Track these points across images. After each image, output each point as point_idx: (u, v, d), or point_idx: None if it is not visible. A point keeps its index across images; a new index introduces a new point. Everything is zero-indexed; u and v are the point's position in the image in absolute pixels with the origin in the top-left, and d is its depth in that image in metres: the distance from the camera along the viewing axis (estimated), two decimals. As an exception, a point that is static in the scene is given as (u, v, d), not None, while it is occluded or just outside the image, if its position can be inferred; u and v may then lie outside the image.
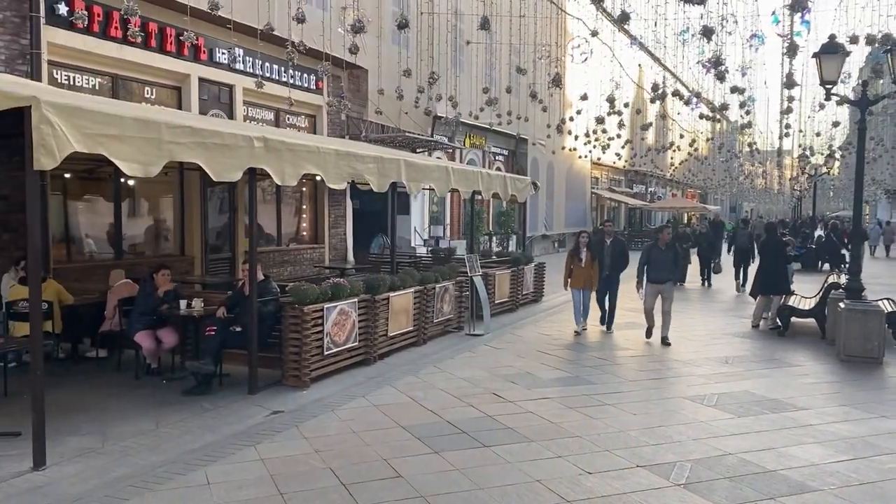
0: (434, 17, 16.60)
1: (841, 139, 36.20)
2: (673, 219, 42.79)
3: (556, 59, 16.34)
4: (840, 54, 9.72)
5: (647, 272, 11.03)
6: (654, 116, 26.49)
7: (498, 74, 20.73)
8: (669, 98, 17.03)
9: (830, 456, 5.91)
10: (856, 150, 10.92)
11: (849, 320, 9.73)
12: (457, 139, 22.06)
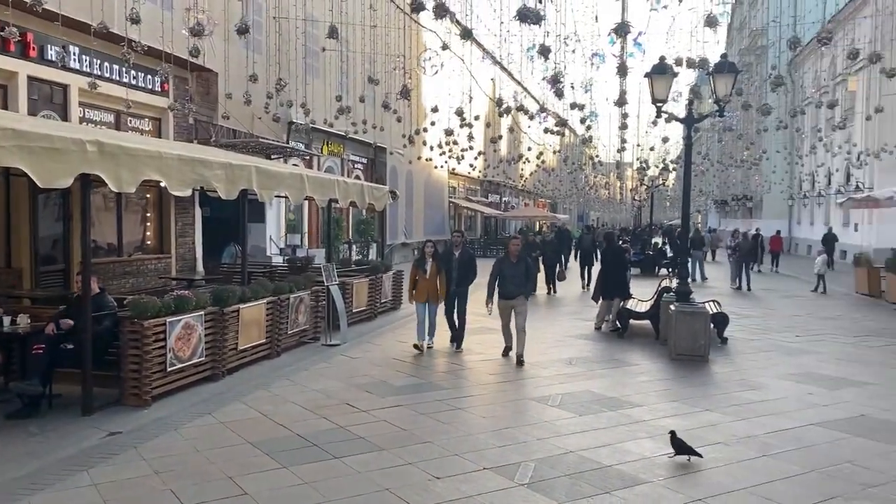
0: (286, 22, 16.33)
1: (675, 153, 39.21)
2: (525, 227, 44.49)
3: (408, 70, 16.54)
4: (668, 75, 10.53)
5: (499, 286, 10.30)
6: (505, 129, 27.43)
7: (352, 83, 20.71)
8: (517, 112, 17.68)
9: (660, 449, 6.35)
10: (686, 164, 11.83)
11: (678, 321, 10.52)
12: (314, 146, 21.79)
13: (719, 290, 21.02)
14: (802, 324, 14.50)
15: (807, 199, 40.11)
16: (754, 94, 33.28)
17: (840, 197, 29.13)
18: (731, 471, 5.83)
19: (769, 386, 8.88)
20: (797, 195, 41.43)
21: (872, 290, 19.58)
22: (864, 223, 29.64)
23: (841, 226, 32.68)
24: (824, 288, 20.60)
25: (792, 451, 6.32)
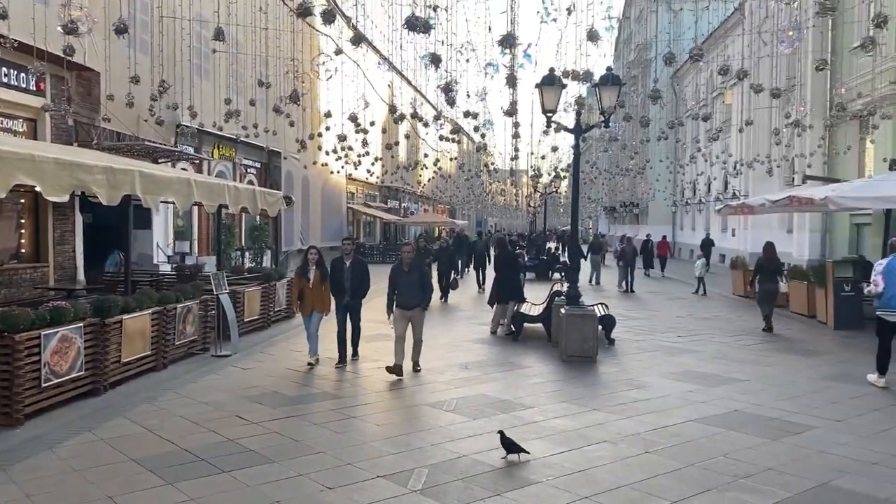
0: (174, 21, 15.76)
1: (568, 161, 40.59)
2: (425, 233, 44.72)
3: (302, 74, 16.30)
4: (557, 86, 10.88)
5: (395, 296, 9.83)
6: (401, 135, 27.52)
7: (244, 85, 20.23)
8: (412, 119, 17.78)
9: (550, 449, 6.54)
10: (574, 172, 12.24)
11: (568, 324, 10.86)
12: (204, 150, 21.10)
13: (608, 294, 21.87)
14: (684, 324, 15.28)
15: (688, 206, 42.36)
16: (640, 105, 34.93)
17: (718, 204, 30.89)
18: (615, 468, 6.06)
19: (652, 385, 9.30)
20: (680, 202, 43.65)
21: (748, 291, 20.86)
22: (740, 229, 31.54)
23: (720, 231, 34.69)
24: (704, 290, 21.80)
25: (672, 447, 6.64)
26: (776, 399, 8.56)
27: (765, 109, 22.44)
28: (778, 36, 13.09)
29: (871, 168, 20.16)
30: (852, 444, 6.72)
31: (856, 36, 20.69)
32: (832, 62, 22.04)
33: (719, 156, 28.38)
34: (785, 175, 25.55)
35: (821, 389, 9.13)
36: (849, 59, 20.77)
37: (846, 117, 20.44)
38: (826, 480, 5.74)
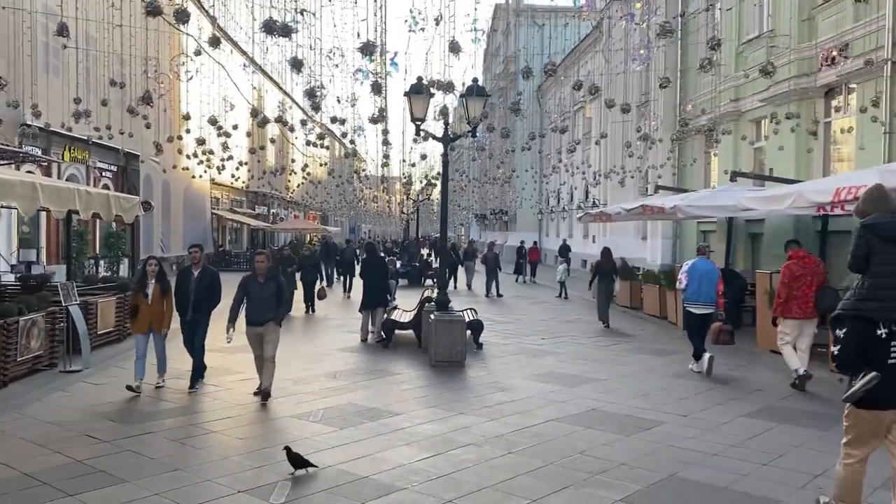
0: (14, 13, 14.62)
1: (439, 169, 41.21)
2: (295, 240, 43.88)
3: (160, 74, 15.56)
4: (425, 95, 11.01)
5: (245, 311, 8.77)
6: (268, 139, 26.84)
7: (97, 84, 19.07)
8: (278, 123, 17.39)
9: (416, 455, 6.58)
10: (443, 180, 12.42)
11: (438, 330, 11.00)
12: (53, 152, 19.69)
13: (480, 299, 22.37)
14: (548, 327, 15.87)
15: (553, 214, 44.06)
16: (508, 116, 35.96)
17: (580, 212, 32.34)
18: (480, 470, 6.19)
19: (517, 387, 9.58)
20: (545, 210, 45.30)
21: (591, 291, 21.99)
22: (600, 235, 33.14)
23: (582, 238, 36.31)
24: (566, 294, 22.74)
25: (534, 447, 6.86)
26: (631, 397, 9.05)
27: (621, 123, 23.73)
28: (630, 54, 13.91)
29: (716, 179, 21.79)
30: (697, 437, 7.21)
31: (700, 56, 22.33)
32: (681, 80, 23.66)
33: (579, 166, 29.72)
34: (639, 185, 27.13)
35: (670, 387, 9.74)
36: (695, 77, 22.33)
37: (691, 132, 21.98)
38: (673, 472, 6.12)
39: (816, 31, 16.41)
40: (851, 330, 4.69)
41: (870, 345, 4.58)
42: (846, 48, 14.72)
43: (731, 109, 20.29)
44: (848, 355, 4.70)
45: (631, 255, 26.25)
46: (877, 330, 4.57)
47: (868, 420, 4.66)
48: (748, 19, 19.60)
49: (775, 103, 17.12)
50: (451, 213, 63.31)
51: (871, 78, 14.23)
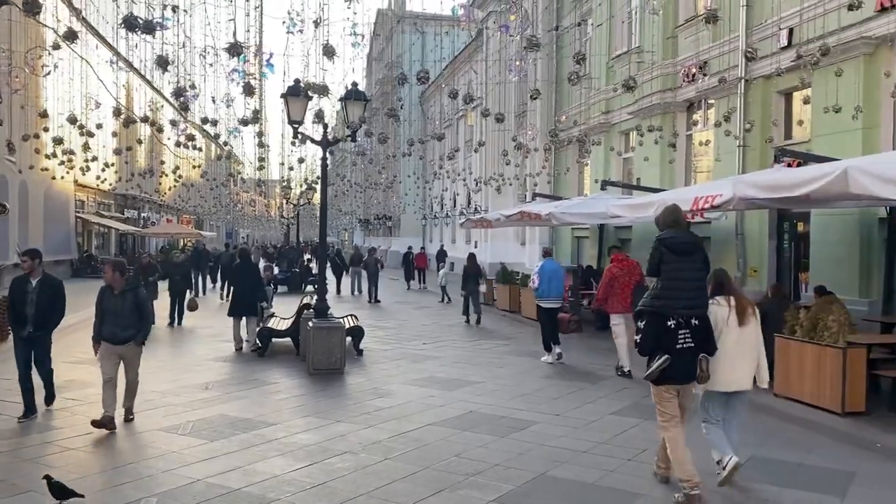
0: None
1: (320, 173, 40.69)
2: (167, 245, 42.01)
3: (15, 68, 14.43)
4: (302, 97, 10.83)
5: (101, 326, 7.83)
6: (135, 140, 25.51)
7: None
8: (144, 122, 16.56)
9: (290, 465, 6.43)
10: (322, 185, 12.25)
11: (316, 337, 10.82)
12: None
13: (362, 304, 22.27)
14: (429, 332, 15.98)
15: (437, 219, 44.51)
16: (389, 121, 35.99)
17: (462, 218, 32.82)
18: (356, 478, 6.13)
19: (396, 392, 9.57)
20: (429, 215, 45.70)
21: (487, 298, 22.41)
22: (482, 241, 33.77)
23: (465, 243, 36.88)
24: (448, 298, 23.00)
25: (411, 452, 6.88)
26: (507, 398, 9.25)
27: (500, 132, 24.29)
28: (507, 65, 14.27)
29: (588, 187, 22.74)
30: (568, 436, 7.46)
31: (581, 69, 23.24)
32: (555, 92, 24.56)
33: (460, 173, 30.18)
34: (518, 192, 27.89)
35: (545, 387, 10.03)
36: (569, 90, 23.22)
37: (563, 142, 22.84)
38: (544, 471, 6.30)
39: (678, 49, 17.49)
40: (649, 322, 5.71)
41: (663, 334, 5.59)
42: (705, 66, 15.75)
43: (602, 121, 21.25)
44: (647, 343, 5.72)
45: (511, 260, 26.93)
46: (668, 322, 5.59)
47: (668, 393, 5.71)
48: (617, 36, 20.61)
49: (642, 116, 18.07)
50: (333, 217, 62.71)
51: (726, 94, 15.29)
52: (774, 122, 13.97)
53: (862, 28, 11.60)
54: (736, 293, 6.02)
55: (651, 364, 5.66)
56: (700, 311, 5.69)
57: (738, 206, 10.71)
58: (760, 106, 14.53)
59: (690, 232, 6.13)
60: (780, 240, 14.98)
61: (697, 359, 5.57)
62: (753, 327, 5.90)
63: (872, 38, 11.75)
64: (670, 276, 5.69)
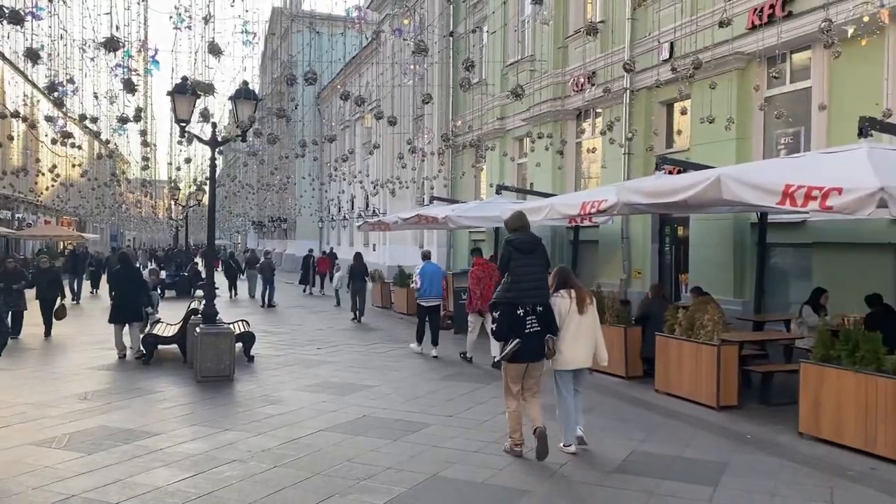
0: None
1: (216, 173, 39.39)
2: (45, 248, 39.60)
3: None
4: (190, 95, 10.45)
5: None
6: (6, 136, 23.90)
7: None
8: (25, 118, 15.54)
9: (174, 476, 6.20)
10: (211, 186, 11.88)
11: (204, 343, 10.47)
12: None
13: (257, 309, 21.78)
14: (324, 336, 15.77)
15: (334, 222, 44.02)
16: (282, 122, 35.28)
17: (360, 220, 32.62)
18: (244, 486, 5.97)
19: (288, 399, 9.39)
20: (326, 218, 45.14)
21: (385, 302, 22.44)
22: (380, 244, 33.67)
23: (363, 246, 36.65)
24: (340, 302, 22.83)
25: (302, 458, 6.77)
26: (401, 402, 9.26)
27: (397, 135, 24.34)
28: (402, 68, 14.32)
29: (485, 191, 23.12)
30: (460, 437, 7.55)
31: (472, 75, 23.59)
32: (452, 97, 24.84)
33: (357, 175, 29.95)
34: (416, 195, 28.00)
35: (439, 389, 10.11)
36: (466, 95, 23.54)
37: (459, 147, 23.16)
38: (436, 472, 6.35)
39: (568, 59, 18.07)
40: (502, 312, 6.67)
41: (514, 321, 6.57)
42: (593, 76, 16.36)
43: (497, 127, 21.67)
44: (502, 329, 6.70)
45: (409, 262, 26.95)
46: (518, 311, 6.57)
47: (515, 370, 6.77)
48: (512, 44, 21.08)
49: (534, 123, 18.55)
50: (225, 220, 60.85)
51: (612, 104, 15.93)
52: (656, 132, 14.64)
53: (735, 44, 12.35)
54: (577, 286, 7.11)
55: (506, 347, 6.66)
56: (543, 300, 6.74)
57: (623, 211, 11.20)
58: (644, 116, 15.21)
59: (533, 234, 7.12)
60: (662, 243, 15.73)
61: (544, 340, 6.63)
62: (591, 315, 7.04)
63: (745, 53, 12.55)
64: (517, 272, 6.68)
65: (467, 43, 22.64)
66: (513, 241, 6.84)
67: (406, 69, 12.64)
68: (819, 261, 11.76)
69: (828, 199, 6.24)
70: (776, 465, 6.60)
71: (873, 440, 6.63)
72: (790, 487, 6.01)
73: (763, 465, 6.58)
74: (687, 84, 11.72)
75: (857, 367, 6.81)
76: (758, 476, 6.29)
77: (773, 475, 6.30)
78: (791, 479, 6.23)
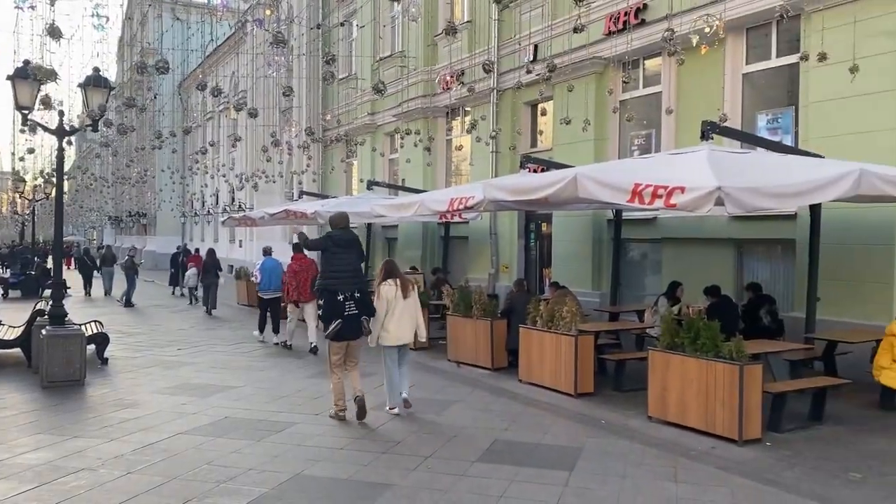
0: None
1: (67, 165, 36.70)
2: None
3: None
4: (32, 80, 9.68)
5: None
6: None
7: None
8: None
9: (13, 489, 5.76)
10: (58, 178, 11.08)
11: (51, 346, 9.77)
12: None
13: (114, 308, 20.59)
14: (186, 336, 15.13)
15: (198, 217, 42.28)
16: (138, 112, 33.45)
17: (225, 216, 31.50)
18: (93, 496, 5.64)
19: (144, 402, 8.93)
20: (189, 213, 43.28)
21: (252, 300, 21.75)
22: (247, 240, 32.70)
23: (228, 242, 35.45)
24: (194, 300, 22.01)
25: (158, 464, 6.47)
26: (266, 401, 9.05)
27: (263, 127, 23.70)
28: (266, 59, 13.95)
29: (356, 187, 22.98)
30: (326, 434, 7.48)
31: (341, 69, 23.36)
32: (324, 91, 24.47)
33: (220, 168, 28.84)
34: (286, 190, 27.41)
35: (306, 387, 9.94)
36: (337, 89, 23.28)
37: (329, 141, 22.89)
38: (300, 471, 6.25)
39: (438, 56, 18.29)
40: (325, 298, 7.91)
41: (335, 305, 7.73)
42: (461, 75, 16.65)
43: (368, 122, 21.61)
44: (326, 312, 7.87)
45: (279, 258, 26.34)
46: (338, 296, 7.74)
47: (338, 347, 7.95)
48: (383, 39, 21.06)
49: (404, 119, 18.64)
50: (77, 214, 57.03)
51: (480, 103, 16.28)
52: (519, 132, 15.09)
53: (593, 49, 12.98)
54: (401, 276, 8.34)
55: (329, 327, 7.80)
56: (359, 287, 7.94)
57: (489, 208, 11.48)
58: (510, 115, 15.67)
59: (352, 232, 8.25)
60: (528, 239, 16.29)
61: (360, 320, 7.85)
62: (413, 300, 8.27)
63: (602, 58, 13.20)
64: (334, 262, 7.86)
65: (337, 36, 22.39)
66: (332, 236, 8.03)
67: (270, 60, 12.32)
68: (668, 255, 12.59)
69: (672, 197, 6.68)
70: (627, 447, 7.00)
71: (713, 421, 7.17)
72: (639, 468, 6.39)
73: (615, 448, 6.96)
74: (548, 86, 12.16)
75: (698, 353, 7.33)
76: (610, 459, 6.64)
77: (624, 457, 6.68)
78: (640, 460, 6.63)
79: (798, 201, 7.46)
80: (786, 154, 8.80)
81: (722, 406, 7.08)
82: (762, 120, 11.37)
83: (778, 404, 7.43)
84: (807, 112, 10.32)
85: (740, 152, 8.97)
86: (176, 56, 22.33)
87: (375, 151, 20.87)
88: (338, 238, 7.97)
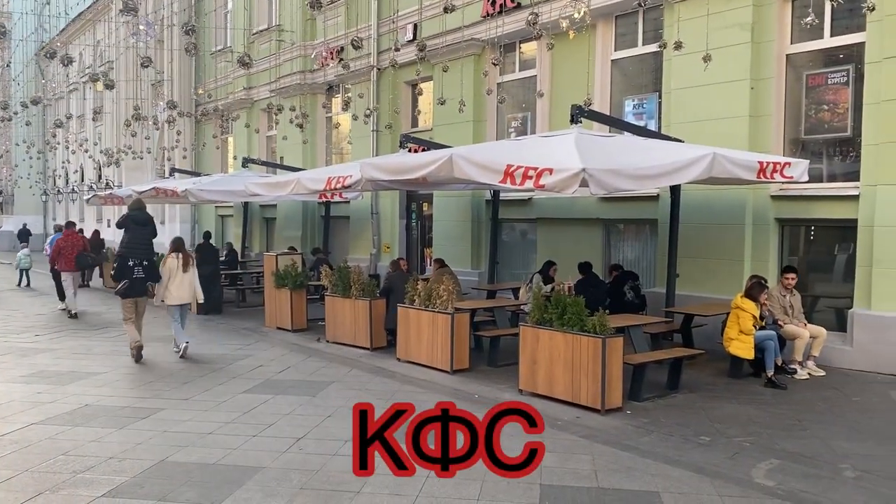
0: None
1: None
2: None
3: None
4: None
5: None
6: None
7: None
8: None
9: None
10: None
11: None
12: None
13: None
14: (45, 322, 14.21)
15: (61, 195, 39.65)
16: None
17: (89, 194, 29.70)
18: (-71, 495, 5.22)
19: (-6, 392, 8.34)
20: (52, 190, 40.50)
21: (115, 283, 20.68)
22: (114, 219, 30.96)
23: (95, 221, 33.45)
24: (28, 282, 20.72)
25: (8, 456, 6.06)
26: (131, 387, 8.67)
27: (128, 100, 22.44)
28: (131, 28, 13.19)
29: (231, 164, 22.22)
30: (195, 420, 7.23)
31: (216, 41, 22.41)
32: (198, 64, 23.42)
33: (83, 143, 27.08)
34: (157, 167, 26.14)
35: (176, 372, 9.58)
36: (210, 62, 22.36)
37: (198, 115, 21.98)
38: (164, 457, 6.03)
39: (316, 31, 17.90)
40: (119, 263, 10.15)
41: (126, 269, 10.00)
42: (342, 51, 16.39)
43: (244, 97, 20.91)
44: (119, 273, 10.10)
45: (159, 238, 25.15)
46: (129, 262, 10.00)
47: (129, 303, 10.20)
48: (259, 11, 20.38)
49: (282, 95, 18.17)
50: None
51: (361, 80, 16.09)
52: (396, 111, 14.99)
53: (470, 31, 13.08)
54: (184, 252, 10.72)
55: (119, 286, 10.05)
56: (149, 257, 10.25)
57: (367, 187, 11.42)
58: (391, 94, 15.58)
59: (147, 213, 10.61)
60: (409, 219, 16.34)
61: (146, 284, 10.19)
62: (192, 271, 10.65)
63: (479, 40, 13.34)
64: (132, 237, 10.13)
65: (211, 6, 21.46)
66: (132, 216, 10.32)
67: (135, 30, 11.63)
68: (542, 234, 13.00)
69: (541, 178, 6.89)
70: (498, 421, 7.19)
71: (578, 393, 7.49)
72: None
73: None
74: (425, 66, 12.17)
75: (565, 328, 7.62)
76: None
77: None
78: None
79: (656, 183, 7.85)
80: (648, 138, 9.25)
81: (586, 378, 7.41)
82: (629, 105, 11.91)
83: (638, 375, 7.86)
84: (669, 98, 10.87)
85: (607, 136, 9.37)
86: (29, 21, 20.71)
87: (250, 128, 20.25)
88: (135, 217, 10.27)
